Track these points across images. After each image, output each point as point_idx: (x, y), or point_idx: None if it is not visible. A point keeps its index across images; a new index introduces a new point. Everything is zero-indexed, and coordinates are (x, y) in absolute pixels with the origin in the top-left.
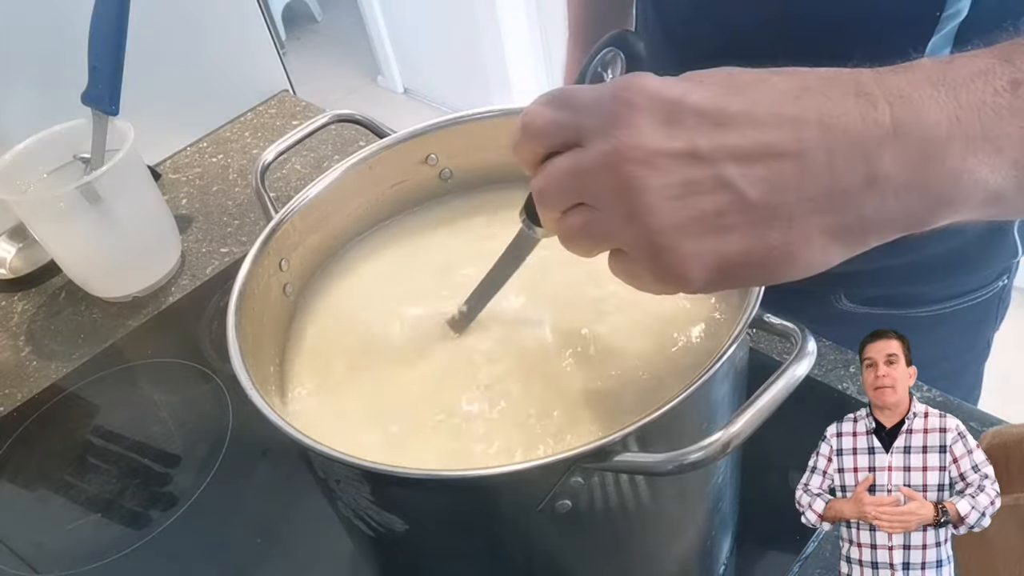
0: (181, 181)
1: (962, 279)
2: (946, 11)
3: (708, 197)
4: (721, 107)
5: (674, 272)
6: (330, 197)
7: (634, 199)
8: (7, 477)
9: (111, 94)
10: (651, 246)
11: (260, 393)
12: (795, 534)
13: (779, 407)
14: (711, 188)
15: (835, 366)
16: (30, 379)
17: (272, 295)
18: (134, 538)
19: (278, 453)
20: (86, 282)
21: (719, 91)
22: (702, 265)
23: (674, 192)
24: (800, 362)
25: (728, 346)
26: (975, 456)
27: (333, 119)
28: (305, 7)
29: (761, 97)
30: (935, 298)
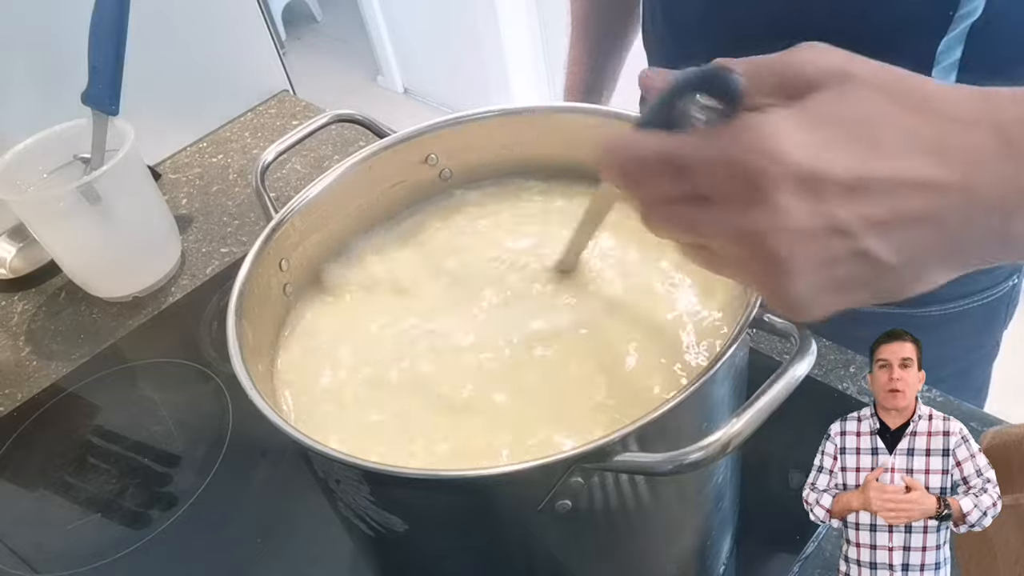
0: (181, 181)
1: (973, 278)
2: (960, 10)
3: (846, 266)
4: (862, 176)
5: (797, 314)
6: (330, 197)
7: (773, 269)
8: (7, 477)
9: (111, 94)
10: (783, 301)
11: (260, 393)
12: (795, 534)
13: (779, 407)
14: (850, 258)
15: (835, 366)
16: (30, 379)
17: (272, 295)
18: (134, 538)
19: (278, 453)
20: (86, 282)
21: (859, 155)
22: (826, 311)
23: (813, 265)
24: (800, 362)
25: (728, 346)
26: (978, 460)
27: (333, 119)
28: (305, 7)
29: (903, 156)
30: (945, 297)
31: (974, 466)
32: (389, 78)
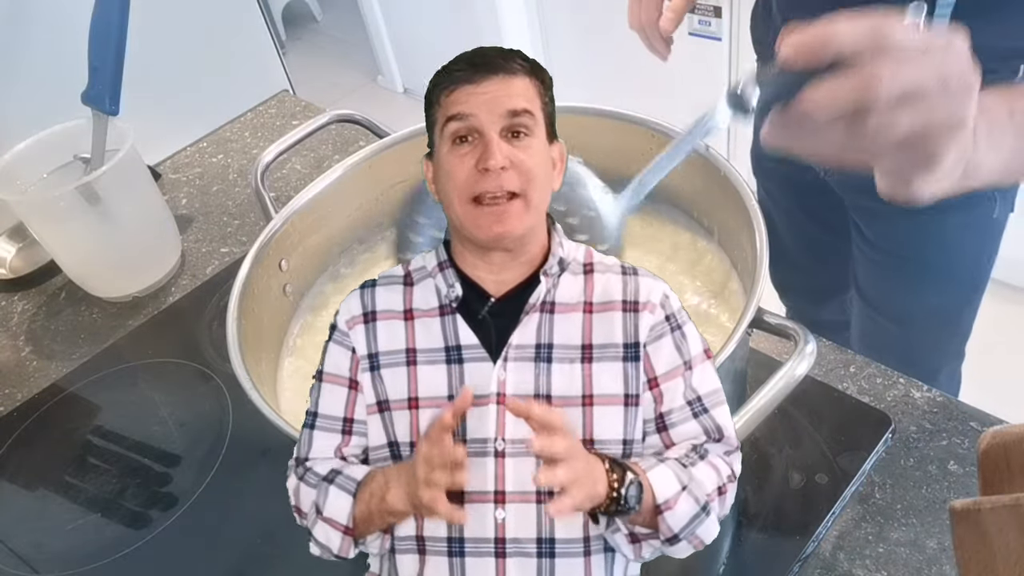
0: (181, 181)
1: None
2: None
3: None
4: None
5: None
6: (330, 197)
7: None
8: (7, 477)
9: (111, 94)
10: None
11: (260, 393)
12: (795, 534)
13: (779, 407)
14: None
15: (835, 366)
16: (30, 379)
17: (272, 295)
18: (134, 538)
19: (278, 453)
20: (86, 282)
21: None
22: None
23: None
24: (800, 362)
25: (728, 346)
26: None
27: (333, 119)
28: (305, 7)
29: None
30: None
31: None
32: (389, 78)
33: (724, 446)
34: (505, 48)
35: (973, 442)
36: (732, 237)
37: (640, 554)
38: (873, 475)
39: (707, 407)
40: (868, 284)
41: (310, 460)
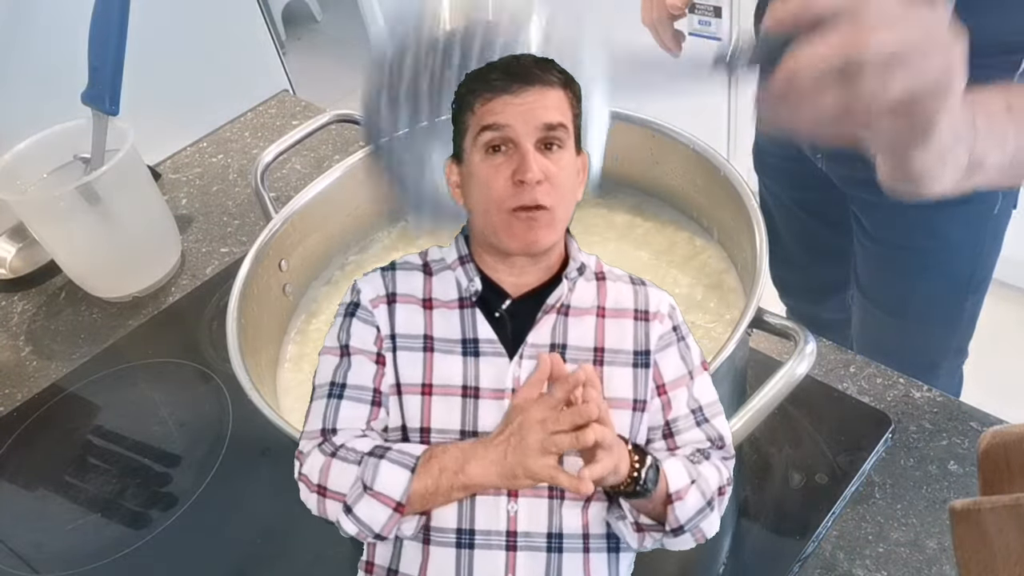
0: (181, 181)
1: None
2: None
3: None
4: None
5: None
6: (330, 197)
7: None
8: (7, 477)
9: (111, 94)
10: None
11: (260, 393)
12: (795, 534)
13: (779, 407)
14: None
15: (835, 366)
16: (30, 379)
17: (272, 295)
18: (134, 538)
19: (278, 453)
20: (86, 282)
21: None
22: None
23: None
24: (800, 362)
25: (728, 346)
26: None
27: (333, 119)
28: (305, 7)
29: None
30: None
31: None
32: None
33: (724, 453)
34: (540, 57)
35: (973, 442)
36: (732, 237)
37: (642, 543)
38: (873, 475)
39: (708, 416)
40: (867, 276)
41: (338, 433)
